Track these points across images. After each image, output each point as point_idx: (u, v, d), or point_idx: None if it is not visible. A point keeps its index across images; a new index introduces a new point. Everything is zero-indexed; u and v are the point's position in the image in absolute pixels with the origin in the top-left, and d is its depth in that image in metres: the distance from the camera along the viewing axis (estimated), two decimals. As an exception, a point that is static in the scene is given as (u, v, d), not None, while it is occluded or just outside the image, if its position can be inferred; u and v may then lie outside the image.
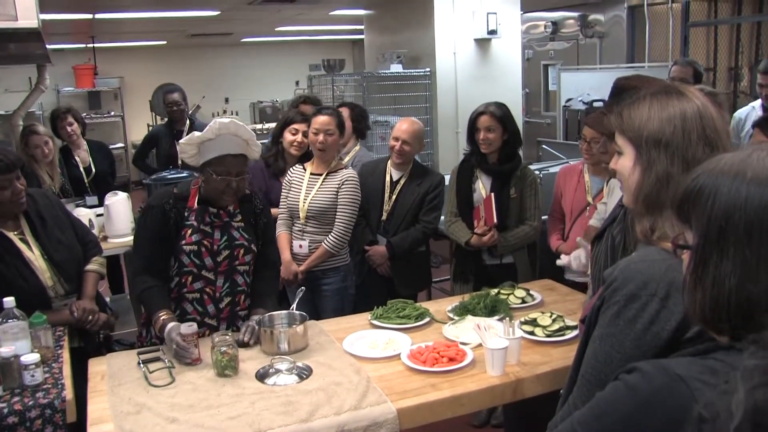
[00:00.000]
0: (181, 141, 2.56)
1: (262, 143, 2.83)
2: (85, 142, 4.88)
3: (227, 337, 2.27)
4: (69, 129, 4.74)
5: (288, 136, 3.64)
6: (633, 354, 1.26)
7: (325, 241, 3.26)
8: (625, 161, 1.42)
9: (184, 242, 2.54)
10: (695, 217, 0.93)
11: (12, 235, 2.59)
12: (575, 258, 2.64)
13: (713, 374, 0.91)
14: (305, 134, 3.54)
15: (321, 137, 3.27)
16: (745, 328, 0.89)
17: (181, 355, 2.29)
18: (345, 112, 3.92)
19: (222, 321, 2.61)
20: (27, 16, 2.88)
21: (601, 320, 1.33)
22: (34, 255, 2.60)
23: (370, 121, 4.44)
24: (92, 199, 4.46)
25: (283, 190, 3.43)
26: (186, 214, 2.57)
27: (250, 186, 2.74)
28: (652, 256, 1.31)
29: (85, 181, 4.76)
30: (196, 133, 2.49)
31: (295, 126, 3.64)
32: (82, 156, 4.84)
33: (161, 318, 2.41)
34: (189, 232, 2.55)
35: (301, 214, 3.29)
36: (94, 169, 4.83)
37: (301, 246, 3.30)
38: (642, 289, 1.27)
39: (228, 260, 2.60)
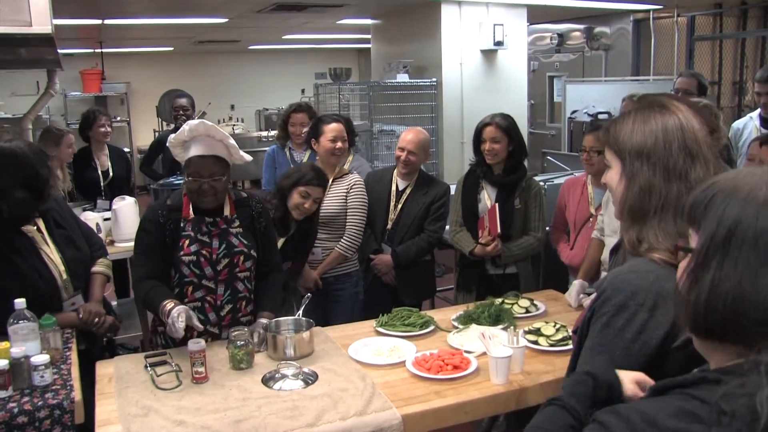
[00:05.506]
0: (169, 139, 2.61)
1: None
2: (107, 147, 4.93)
3: (244, 331, 2.35)
4: (107, 128, 4.85)
5: (296, 198, 3.02)
6: (623, 363, 1.30)
7: (338, 245, 3.28)
8: (613, 174, 1.49)
9: (182, 253, 2.54)
10: (705, 220, 0.95)
11: (29, 229, 2.61)
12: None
13: (689, 419, 0.88)
14: (316, 200, 3.04)
15: (339, 144, 3.32)
16: (731, 334, 0.90)
17: (170, 330, 2.34)
18: None
19: (224, 328, 2.60)
20: (41, 21, 2.90)
21: (591, 331, 1.37)
22: (50, 249, 2.62)
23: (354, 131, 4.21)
24: (104, 203, 4.49)
25: None
26: (182, 224, 2.57)
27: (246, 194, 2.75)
28: (640, 267, 1.36)
29: (101, 184, 4.80)
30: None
31: (308, 189, 3.00)
32: (102, 160, 4.88)
33: (168, 306, 2.40)
34: (187, 242, 2.55)
35: None
36: (112, 174, 4.87)
37: (313, 253, 3.32)
38: (630, 299, 1.31)
39: (228, 268, 2.60)
